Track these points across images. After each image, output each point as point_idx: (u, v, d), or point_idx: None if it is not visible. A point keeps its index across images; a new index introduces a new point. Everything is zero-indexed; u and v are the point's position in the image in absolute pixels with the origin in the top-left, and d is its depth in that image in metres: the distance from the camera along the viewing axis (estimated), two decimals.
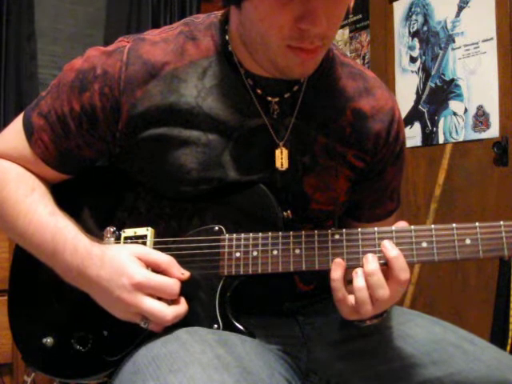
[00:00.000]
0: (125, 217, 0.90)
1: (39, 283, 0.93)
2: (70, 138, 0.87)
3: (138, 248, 0.82)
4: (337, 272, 0.78)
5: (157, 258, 0.81)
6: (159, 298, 0.79)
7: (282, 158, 0.86)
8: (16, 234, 0.89)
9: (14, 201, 0.88)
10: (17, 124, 0.91)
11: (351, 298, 0.78)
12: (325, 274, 0.81)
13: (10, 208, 0.87)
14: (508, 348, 1.99)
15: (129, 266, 0.78)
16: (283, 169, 0.86)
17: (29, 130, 0.89)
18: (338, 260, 0.79)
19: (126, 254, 0.80)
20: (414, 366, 0.86)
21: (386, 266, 0.77)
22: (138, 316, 0.79)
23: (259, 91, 0.86)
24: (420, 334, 0.90)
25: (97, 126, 0.86)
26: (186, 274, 0.81)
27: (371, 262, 0.77)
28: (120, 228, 0.88)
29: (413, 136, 2.51)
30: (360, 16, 2.84)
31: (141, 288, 0.77)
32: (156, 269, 0.80)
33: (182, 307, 0.80)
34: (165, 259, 0.81)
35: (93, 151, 0.89)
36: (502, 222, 0.78)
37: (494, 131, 2.20)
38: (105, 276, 0.79)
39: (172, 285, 0.79)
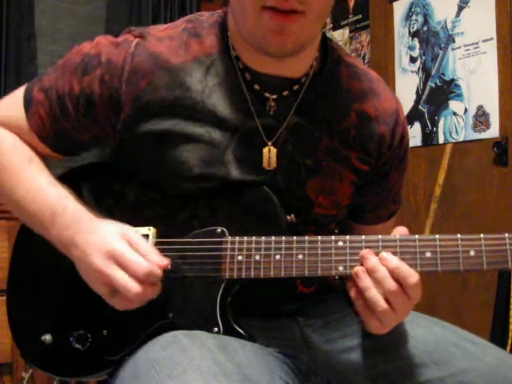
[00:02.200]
0: (125, 215, 0.89)
1: (38, 280, 0.93)
2: (66, 120, 0.88)
3: (127, 228, 0.81)
4: (354, 293, 0.78)
5: (139, 241, 0.79)
6: None
7: (269, 158, 0.85)
8: (12, 202, 0.89)
9: (11, 169, 0.88)
10: (18, 94, 0.92)
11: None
12: (326, 277, 0.80)
13: (8, 176, 0.88)
14: (508, 348, 1.99)
15: (112, 236, 0.79)
16: (270, 168, 0.86)
17: (28, 102, 0.90)
18: (350, 282, 0.78)
19: (114, 227, 0.81)
20: (416, 366, 0.86)
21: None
22: (106, 287, 0.78)
23: (257, 87, 0.86)
24: (421, 334, 0.90)
25: (94, 112, 0.86)
26: (165, 261, 0.79)
27: (369, 258, 0.77)
28: None
29: (413, 136, 2.51)
30: (360, 16, 2.84)
31: (112, 256, 0.77)
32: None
33: (152, 289, 0.78)
34: (146, 246, 0.79)
35: (89, 136, 0.89)
36: (506, 235, 0.76)
37: (494, 131, 2.20)
38: (90, 241, 0.79)
39: (140, 263, 0.76)
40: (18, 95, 0.92)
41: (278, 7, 0.74)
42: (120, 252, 0.77)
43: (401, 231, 0.80)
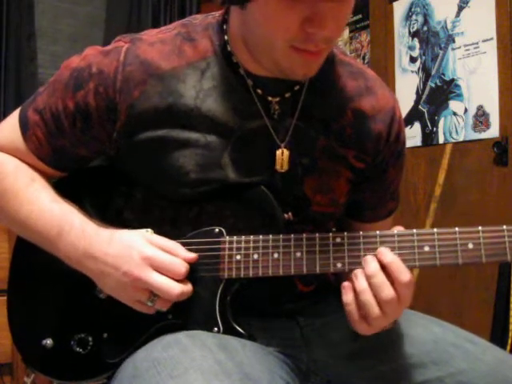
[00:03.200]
0: (124, 217, 0.89)
1: (39, 284, 0.93)
2: (64, 136, 0.87)
3: (145, 232, 0.83)
4: (349, 296, 0.78)
5: (163, 242, 0.81)
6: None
7: (282, 160, 0.86)
8: (17, 224, 0.88)
9: (15, 191, 0.88)
10: (13, 117, 0.91)
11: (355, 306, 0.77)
12: (325, 276, 0.80)
13: (11, 198, 0.88)
14: (508, 348, 1.99)
15: (139, 242, 0.80)
16: (283, 170, 0.86)
17: (24, 125, 0.89)
18: (347, 283, 0.78)
19: (135, 234, 0.82)
20: (415, 366, 0.86)
21: (386, 272, 0.76)
22: (144, 293, 0.79)
23: (260, 91, 0.85)
24: (420, 333, 0.90)
25: (91, 126, 0.85)
26: (192, 255, 0.81)
27: (370, 263, 0.77)
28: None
29: (413, 136, 2.51)
30: (360, 16, 2.84)
31: (150, 262, 0.78)
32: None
33: (188, 286, 0.80)
34: (171, 244, 0.82)
35: (88, 150, 0.89)
36: (504, 227, 0.76)
37: (494, 131, 2.20)
38: (113, 252, 0.79)
39: (180, 264, 0.79)
40: (13, 119, 0.91)
41: (308, 50, 0.76)
42: (156, 257, 0.78)
43: (398, 230, 0.80)
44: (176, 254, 0.80)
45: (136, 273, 0.77)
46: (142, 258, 0.78)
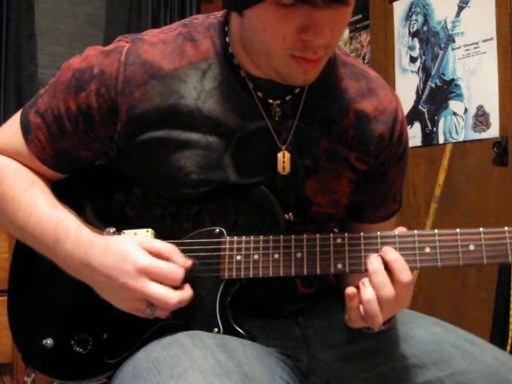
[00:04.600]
0: (124, 217, 0.89)
1: (39, 284, 0.93)
2: (66, 138, 0.87)
3: (140, 237, 0.82)
4: (353, 302, 0.77)
5: (159, 246, 0.80)
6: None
7: (283, 162, 0.86)
8: (16, 228, 0.88)
9: (12, 195, 0.87)
10: (15, 121, 0.91)
11: (361, 309, 0.77)
12: (326, 277, 0.80)
13: (9, 202, 0.87)
14: (508, 348, 1.99)
15: (133, 252, 0.78)
16: (285, 173, 0.86)
17: (26, 128, 0.89)
18: (352, 292, 0.77)
19: (129, 242, 0.80)
20: (415, 367, 0.86)
21: (388, 271, 0.76)
22: (142, 303, 0.78)
23: (260, 94, 0.85)
24: (421, 334, 0.90)
25: (93, 127, 0.85)
26: (189, 262, 0.81)
27: (374, 261, 0.77)
28: (119, 228, 0.88)
29: (413, 136, 2.51)
30: (360, 16, 2.84)
31: (145, 272, 0.77)
32: (159, 257, 0.79)
33: (186, 293, 0.79)
34: (167, 247, 0.81)
35: (90, 152, 0.89)
36: (506, 228, 0.76)
37: (494, 131, 2.20)
38: (109, 263, 0.78)
39: (176, 270, 0.78)
40: (14, 122, 0.91)
41: (306, 58, 0.75)
42: (149, 266, 0.77)
43: (400, 231, 0.80)
44: (172, 260, 0.79)
45: (132, 284, 0.77)
46: (137, 268, 0.77)
